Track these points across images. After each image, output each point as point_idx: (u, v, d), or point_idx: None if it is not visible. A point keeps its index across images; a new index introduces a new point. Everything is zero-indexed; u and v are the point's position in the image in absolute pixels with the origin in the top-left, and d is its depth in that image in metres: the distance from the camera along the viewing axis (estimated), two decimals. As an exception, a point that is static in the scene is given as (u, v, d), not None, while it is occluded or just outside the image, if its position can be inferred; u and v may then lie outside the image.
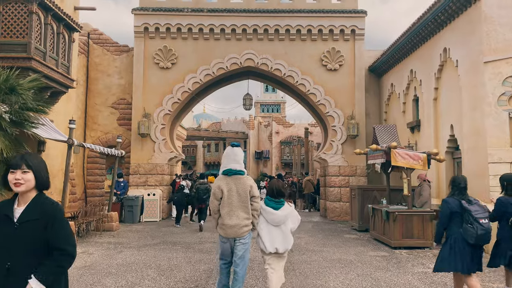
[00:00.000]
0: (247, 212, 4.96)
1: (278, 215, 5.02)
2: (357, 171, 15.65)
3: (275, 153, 37.86)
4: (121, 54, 16.69)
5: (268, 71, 15.96)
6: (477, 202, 5.14)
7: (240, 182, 5.00)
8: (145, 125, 15.34)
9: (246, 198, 4.96)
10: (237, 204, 4.94)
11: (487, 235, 4.92)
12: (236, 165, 5.05)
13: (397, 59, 14.38)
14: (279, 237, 5.01)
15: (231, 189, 4.96)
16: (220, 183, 5.03)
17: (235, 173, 5.04)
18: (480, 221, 4.90)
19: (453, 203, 5.11)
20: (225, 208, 4.94)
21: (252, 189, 5.01)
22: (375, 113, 16.78)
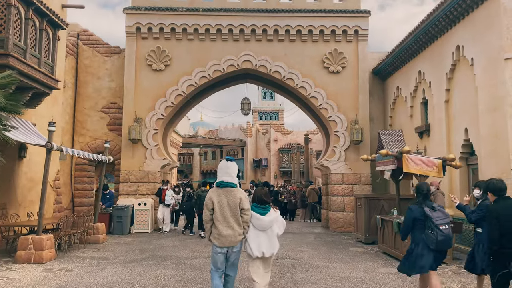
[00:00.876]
0: (238, 223, 5.17)
1: (264, 221, 5.27)
2: (362, 179, 14.77)
3: (274, 161, 36.97)
4: (112, 56, 15.86)
5: (267, 73, 15.14)
6: (440, 209, 5.30)
7: (231, 194, 5.21)
8: (136, 130, 14.45)
9: (236, 209, 5.16)
10: (229, 216, 5.15)
11: (447, 241, 5.13)
12: (228, 178, 5.26)
13: (404, 60, 13.59)
14: (266, 242, 5.26)
15: (221, 201, 5.17)
16: (211, 194, 5.27)
17: (226, 185, 5.24)
18: (440, 227, 5.11)
19: (416, 210, 5.32)
20: (219, 219, 5.14)
21: (241, 201, 5.18)
22: (380, 118, 15.95)
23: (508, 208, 4.94)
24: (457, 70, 10.47)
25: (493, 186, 5.20)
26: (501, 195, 5.12)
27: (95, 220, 11.58)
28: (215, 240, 5.13)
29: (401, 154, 8.69)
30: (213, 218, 5.17)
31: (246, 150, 38.53)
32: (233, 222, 5.13)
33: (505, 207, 4.95)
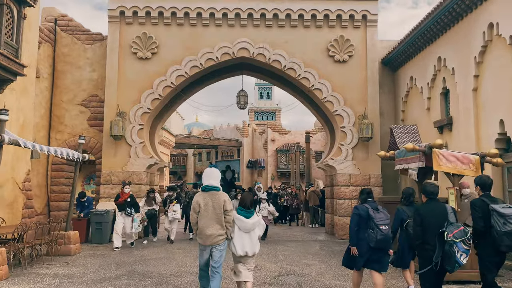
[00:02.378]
0: (221, 223, 5.58)
1: (248, 223, 5.67)
2: (371, 180, 13.24)
3: (271, 162, 35.42)
4: (94, 44, 14.26)
5: (266, 62, 13.60)
6: (383, 211, 5.77)
7: (215, 197, 5.64)
8: (119, 125, 12.85)
9: (220, 211, 5.59)
10: (212, 217, 5.56)
11: (385, 240, 5.59)
12: (213, 182, 5.72)
13: (420, 46, 12.09)
14: (249, 242, 5.66)
15: (207, 204, 5.60)
16: (198, 198, 5.68)
17: (211, 189, 5.69)
18: (380, 227, 5.56)
19: (362, 210, 5.75)
20: (203, 220, 5.57)
21: (225, 203, 5.63)
22: (390, 113, 14.44)
23: (433, 209, 5.27)
24: (489, 52, 8.97)
25: (425, 190, 5.49)
26: (432, 198, 5.39)
27: (67, 227, 9.98)
28: (199, 238, 5.61)
29: (431, 149, 7.17)
30: (198, 219, 5.60)
31: (242, 151, 36.97)
32: (216, 223, 5.55)
33: (430, 208, 5.27)
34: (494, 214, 5.09)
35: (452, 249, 4.88)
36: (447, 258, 4.90)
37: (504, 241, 4.98)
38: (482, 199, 5.32)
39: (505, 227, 4.97)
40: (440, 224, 5.05)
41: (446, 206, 5.34)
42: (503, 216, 5.02)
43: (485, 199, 5.29)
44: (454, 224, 5.06)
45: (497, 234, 5.00)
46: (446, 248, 4.93)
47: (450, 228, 5.00)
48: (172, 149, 41.19)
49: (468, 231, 4.96)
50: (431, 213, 5.22)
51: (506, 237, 4.96)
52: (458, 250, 4.89)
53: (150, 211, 12.53)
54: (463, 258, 4.90)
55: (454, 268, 4.94)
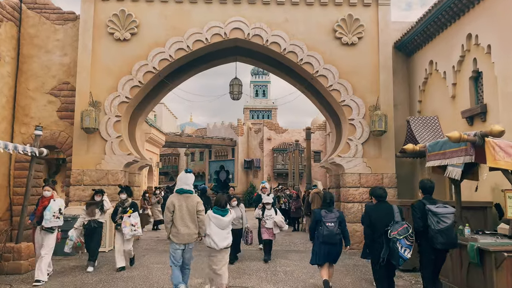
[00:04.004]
0: (195, 223, 6.17)
1: (224, 220, 6.32)
2: (384, 180, 11.47)
3: (267, 162, 33.63)
4: (66, 24, 12.40)
5: (263, 45, 11.80)
6: (334, 212, 6.87)
7: (189, 199, 6.23)
8: (91, 116, 11.01)
9: (194, 212, 6.17)
10: (187, 217, 6.13)
11: (331, 235, 6.63)
12: (187, 186, 6.30)
13: (442, 24, 10.33)
14: (226, 237, 6.34)
15: (181, 205, 6.16)
16: (173, 199, 6.23)
17: (185, 192, 6.27)
18: (327, 224, 6.67)
19: (318, 213, 6.91)
20: (179, 221, 6.11)
21: (198, 204, 6.23)
22: (404, 104, 12.67)
23: (380, 210, 5.91)
24: (541, 22, 7.23)
25: (375, 193, 6.16)
26: (380, 200, 6.06)
27: (18, 238, 8.13)
28: (174, 238, 6.13)
29: (483, 139, 5.39)
30: (173, 219, 6.13)
31: (236, 150, 35.15)
32: (190, 222, 6.15)
33: (379, 209, 5.92)
34: (429, 213, 5.50)
35: (396, 245, 5.45)
36: (392, 253, 5.47)
37: (438, 239, 5.36)
38: (421, 201, 5.75)
39: (439, 225, 5.37)
40: (387, 223, 5.63)
41: (393, 207, 5.95)
42: (436, 215, 5.44)
43: (425, 201, 5.72)
44: (399, 223, 5.66)
45: (433, 233, 5.40)
46: (391, 244, 5.50)
47: (395, 226, 5.60)
48: (163, 149, 39.31)
49: (410, 228, 5.56)
50: (379, 214, 5.82)
51: (440, 235, 5.36)
52: (402, 246, 5.46)
53: (90, 224, 8.45)
54: (407, 253, 5.45)
55: (399, 262, 5.48)
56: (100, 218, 8.71)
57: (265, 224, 9.57)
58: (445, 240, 5.35)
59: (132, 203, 8.59)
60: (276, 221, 9.53)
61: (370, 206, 6.18)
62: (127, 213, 8.34)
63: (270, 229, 9.50)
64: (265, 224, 9.57)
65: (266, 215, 9.59)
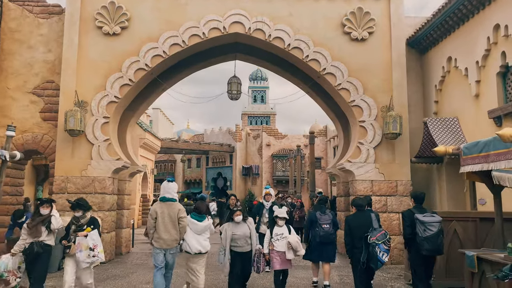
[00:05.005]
0: (176, 229, 6.48)
1: (200, 225, 6.55)
2: (399, 188, 10.46)
3: (266, 169, 32.57)
4: (50, 18, 11.39)
5: (265, 40, 10.83)
6: (328, 214, 7.43)
7: (171, 207, 6.56)
8: (76, 117, 9.97)
9: (175, 218, 6.48)
10: (169, 224, 6.44)
11: (326, 236, 7.22)
12: (169, 195, 6.63)
13: (464, 15, 9.40)
14: (201, 242, 6.52)
15: (163, 212, 6.48)
16: (155, 207, 6.59)
17: (167, 200, 6.61)
18: (322, 226, 7.21)
19: (312, 214, 7.49)
20: (160, 226, 6.43)
21: (179, 212, 6.53)
22: (418, 105, 11.69)
23: (359, 218, 6.49)
24: None
25: (354, 203, 6.76)
26: (359, 209, 6.63)
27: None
28: (155, 242, 6.46)
29: (542, 138, 4.39)
30: (156, 225, 6.44)
31: (235, 156, 34.09)
32: (171, 228, 6.44)
33: (357, 218, 6.50)
34: (417, 222, 5.84)
35: (375, 249, 5.92)
36: (371, 257, 5.94)
37: (424, 246, 5.70)
38: (410, 210, 6.13)
39: (425, 233, 5.70)
40: (365, 230, 6.09)
41: (371, 215, 6.51)
42: (423, 223, 5.77)
43: (414, 210, 6.08)
44: (377, 229, 6.17)
45: (419, 240, 5.75)
46: (370, 249, 5.98)
47: (374, 232, 6.09)
48: (159, 155, 38.20)
49: (388, 234, 6.13)
50: (358, 222, 6.35)
51: (426, 242, 5.69)
52: (380, 250, 5.92)
53: (32, 248, 6.15)
54: (385, 257, 5.95)
55: (378, 266, 5.99)
56: (47, 239, 6.30)
57: (274, 246, 6.69)
58: (431, 247, 5.71)
59: (91, 219, 6.44)
60: (291, 242, 6.60)
61: (349, 216, 6.88)
62: (84, 231, 6.10)
63: (281, 254, 6.64)
64: (274, 246, 6.69)
65: (276, 234, 6.73)
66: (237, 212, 6.77)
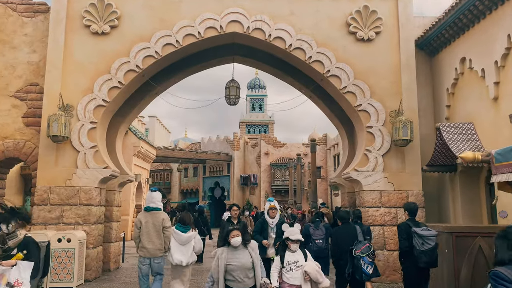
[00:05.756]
0: (160, 238, 6.64)
1: (184, 236, 6.48)
2: (409, 198, 9.67)
3: (264, 178, 31.77)
4: (36, 16, 10.66)
5: (265, 40, 10.12)
6: (321, 228, 8.04)
7: (155, 216, 6.72)
8: (60, 122, 9.18)
9: (159, 228, 6.66)
10: (153, 233, 6.62)
11: (320, 251, 7.60)
12: (153, 204, 6.79)
13: (479, 12, 8.71)
14: (185, 253, 6.44)
15: (148, 221, 6.66)
16: (140, 217, 6.75)
17: (152, 210, 6.76)
18: (316, 241, 7.64)
19: (306, 228, 7.94)
20: (144, 236, 6.62)
21: (164, 221, 6.71)
22: (428, 110, 10.95)
23: (344, 231, 6.72)
24: None
25: (339, 215, 7.07)
26: (344, 222, 6.89)
27: None
28: (140, 252, 6.65)
29: None
30: (140, 234, 6.63)
31: (232, 166, 33.30)
32: (155, 238, 6.61)
33: (343, 230, 6.74)
34: (415, 235, 5.95)
35: (360, 262, 6.23)
36: (356, 269, 6.23)
37: (422, 258, 5.84)
38: (407, 223, 6.26)
39: (423, 247, 5.83)
40: (351, 242, 6.34)
41: (356, 227, 6.77)
42: (421, 237, 5.88)
43: (410, 223, 6.22)
44: (362, 242, 6.45)
45: (417, 253, 5.88)
46: (355, 261, 6.28)
47: (358, 245, 6.38)
48: (155, 164, 37.34)
49: (372, 247, 6.45)
50: (344, 234, 6.64)
51: (424, 255, 5.83)
52: (364, 263, 6.23)
53: None
54: (369, 269, 6.25)
55: (363, 277, 6.25)
56: None
57: (287, 279, 5.01)
58: (428, 259, 5.81)
59: (25, 239, 4.70)
60: (308, 272, 4.95)
61: (335, 228, 7.14)
62: (12, 259, 4.48)
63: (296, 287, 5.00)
64: (287, 279, 5.01)
65: (289, 262, 5.06)
66: (233, 232, 4.82)
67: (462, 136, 8.99)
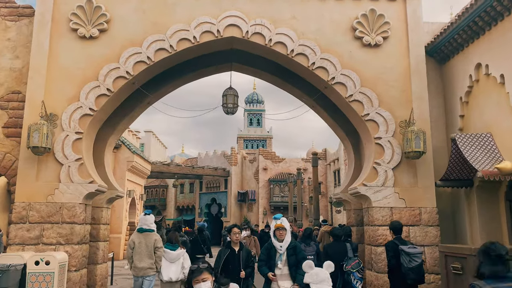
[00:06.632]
0: (152, 258, 7.14)
1: (173, 254, 7.20)
2: (423, 216, 8.88)
3: (263, 194, 30.90)
4: (20, 20, 9.97)
5: (265, 45, 9.44)
6: (312, 245, 8.58)
7: (148, 237, 7.31)
8: (41, 131, 8.39)
9: (151, 248, 7.18)
10: (144, 253, 7.13)
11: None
12: (146, 226, 7.41)
13: (497, 14, 8.06)
14: (174, 270, 7.07)
15: (140, 242, 7.20)
16: (133, 237, 7.35)
17: (145, 231, 7.36)
18: (307, 257, 6.69)
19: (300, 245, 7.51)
20: (137, 256, 7.15)
21: (156, 242, 7.24)
22: (439, 120, 10.22)
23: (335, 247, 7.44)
24: None
25: (333, 233, 7.94)
26: (336, 239, 7.69)
27: None
28: (133, 271, 7.19)
29: None
30: (133, 254, 7.15)
31: (230, 181, 32.43)
32: (146, 258, 7.08)
33: (335, 247, 7.41)
34: (402, 253, 6.24)
35: (350, 277, 6.74)
36: (346, 285, 6.65)
37: (410, 275, 6.12)
38: (393, 241, 6.58)
39: (410, 264, 6.12)
40: (341, 259, 6.80)
41: (347, 245, 7.54)
42: (409, 254, 6.20)
43: (396, 241, 6.55)
44: (352, 258, 7.11)
45: (405, 270, 6.15)
46: (345, 277, 6.81)
47: (349, 261, 6.99)
48: (151, 180, 36.43)
49: (361, 263, 7.18)
50: (334, 250, 7.12)
51: (411, 272, 6.12)
52: (354, 278, 6.77)
53: None
54: (359, 285, 6.75)
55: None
56: None
57: None
58: (416, 276, 6.11)
59: None
60: None
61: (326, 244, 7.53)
62: None
63: None
64: None
65: None
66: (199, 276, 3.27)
67: (480, 148, 8.26)
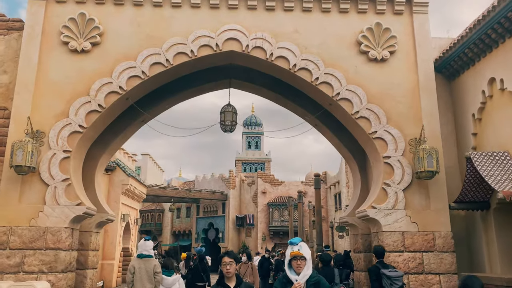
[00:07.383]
0: (152, 283, 7.28)
1: (169, 279, 7.51)
2: (437, 241, 8.22)
3: (261, 218, 30.06)
4: (9, 34, 9.51)
5: (266, 60, 8.97)
6: None
7: (148, 262, 7.41)
8: (25, 149, 7.78)
9: (151, 273, 7.32)
10: (145, 278, 7.27)
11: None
12: (146, 252, 7.51)
13: (511, 25, 7.64)
14: None
15: (140, 267, 7.33)
16: (134, 263, 7.43)
17: (144, 257, 7.46)
18: None
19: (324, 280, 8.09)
20: (138, 281, 7.24)
21: (155, 267, 7.38)
22: (450, 139, 9.68)
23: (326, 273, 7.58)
24: None
25: (321, 258, 8.24)
26: (325, 265, 8.10)
27: None
28: None
29: None
30: (133, 280, 7.25)
31: (227, 205, 31.62)
32: (147, 282, 7.24)
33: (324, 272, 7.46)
34: (383, 277, 6.44)
35: None
36: None
37: None
38: (376, 265, 6.73)
39: (391, 287, 6.34)
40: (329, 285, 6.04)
41: (335, 270, 8.20)
42: (389, 278, 6.40)
43: (378, 265, 6.69)
44: (338, 285, 7.81)
45: None
46: None
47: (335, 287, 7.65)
48: (147, 204, 35.57)
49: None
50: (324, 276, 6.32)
51: None
52: None
53: None
54: None
55: None
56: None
57: None
58: None
59: None
60: None
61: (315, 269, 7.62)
62: None
63: None
64: None
65: None
66: None
67: (498, 167, 7.69)
